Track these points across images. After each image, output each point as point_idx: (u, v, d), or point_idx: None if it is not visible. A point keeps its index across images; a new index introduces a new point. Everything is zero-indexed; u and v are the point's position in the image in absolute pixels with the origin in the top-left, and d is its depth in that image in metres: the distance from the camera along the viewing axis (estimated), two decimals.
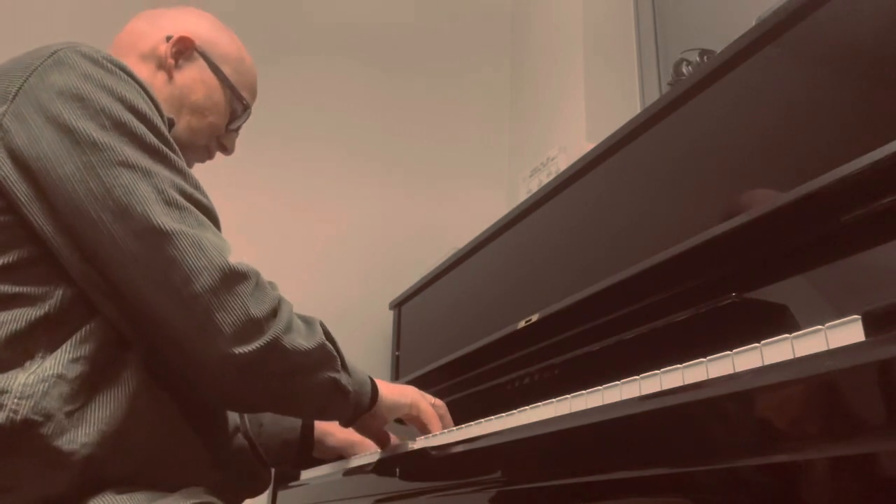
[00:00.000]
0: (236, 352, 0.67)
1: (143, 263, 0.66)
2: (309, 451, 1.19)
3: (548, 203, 1.22)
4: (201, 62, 0.96)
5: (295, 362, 0.73)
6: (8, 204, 0.68)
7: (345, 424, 0.88)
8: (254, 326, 0.68)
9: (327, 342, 0.78)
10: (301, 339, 0.73)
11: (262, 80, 1.07)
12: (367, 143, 2.17)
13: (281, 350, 0.71)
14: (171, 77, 0.93)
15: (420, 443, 0.86)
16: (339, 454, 1.21)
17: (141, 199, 0.67)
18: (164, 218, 0.67)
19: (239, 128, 1.03)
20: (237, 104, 1.00)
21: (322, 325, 0.80)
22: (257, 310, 0.69)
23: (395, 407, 0.91)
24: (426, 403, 0.95)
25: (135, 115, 0.71)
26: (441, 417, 0.97)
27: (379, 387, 0.89)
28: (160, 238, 0.66)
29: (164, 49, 0.93)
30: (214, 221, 0.75)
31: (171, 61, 0.93)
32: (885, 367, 0.32)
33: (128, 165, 0.68)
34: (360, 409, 0.85)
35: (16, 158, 0.68)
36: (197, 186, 0.75)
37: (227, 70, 0.98)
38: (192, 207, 0.71)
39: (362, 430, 0.93)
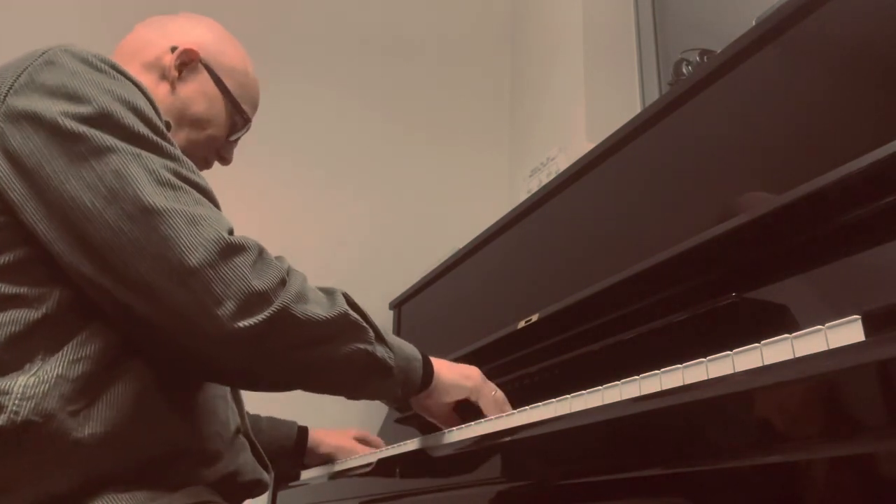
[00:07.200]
0: (241, 325, 0.65)
1: (138, 245, 0.65)
2: (301, 458, 1.20)
3: (548, 203, 1.22)
4: (205, 74, 0.95)
5: (312, 332, 0.70)
6: (5, 205, 0.68)
7: (397, 406, 0.83)
8: (257, 297, 0.66)
9: (352, 312, 0.75)
10: (318, 309, 0.71)
11: (262, 80, 1.06)
12: (367, 142, 2.17)
13: (292, 320, 0.68)
14: (174, 89, 0.92)
15: (419, 443, 0.86)
16: (330, 461, 1.21)
17: (132, 180, 0.66)
18: (155, 198, 0.66)
19: (238, 139, 1.02)
20: (238, 117, 0.99)
21: (346, 295, 0.77)
22: (260, 281, 0.67)
23: (456, 388, 0.86)
24: (489, 392, 0.89)
25: (124, 105, 0.71)
26: (501, 409, 0.90)
27: (436, 365, 0.84)
28: (153, 217, 0.65)
29: (169, 60, 0.92)
30: (213, 203, 0.73)
31: (174, 73, 0.92)
32: (885, 367, 0.32)
33: (117, 151, 0.67)
34: (409, 387, 0.80)
35: (11, 158, 0.68)
36: (193, 171, 0.73)
37: (230, 83, 0.97)
38: (188, 187, 0.70)
39: (425, 413, 0.87)
